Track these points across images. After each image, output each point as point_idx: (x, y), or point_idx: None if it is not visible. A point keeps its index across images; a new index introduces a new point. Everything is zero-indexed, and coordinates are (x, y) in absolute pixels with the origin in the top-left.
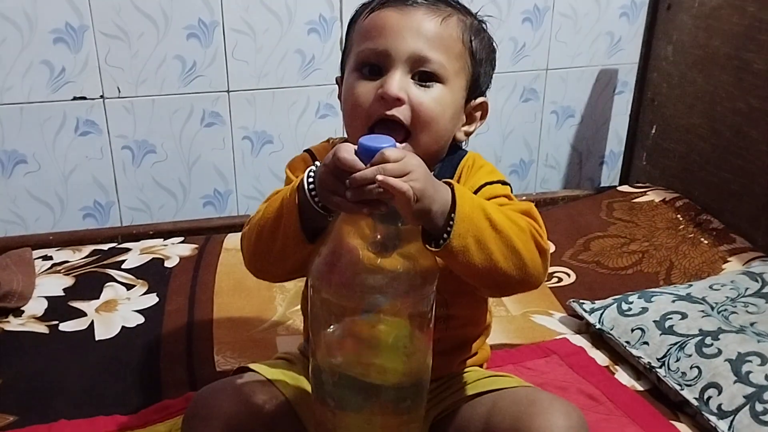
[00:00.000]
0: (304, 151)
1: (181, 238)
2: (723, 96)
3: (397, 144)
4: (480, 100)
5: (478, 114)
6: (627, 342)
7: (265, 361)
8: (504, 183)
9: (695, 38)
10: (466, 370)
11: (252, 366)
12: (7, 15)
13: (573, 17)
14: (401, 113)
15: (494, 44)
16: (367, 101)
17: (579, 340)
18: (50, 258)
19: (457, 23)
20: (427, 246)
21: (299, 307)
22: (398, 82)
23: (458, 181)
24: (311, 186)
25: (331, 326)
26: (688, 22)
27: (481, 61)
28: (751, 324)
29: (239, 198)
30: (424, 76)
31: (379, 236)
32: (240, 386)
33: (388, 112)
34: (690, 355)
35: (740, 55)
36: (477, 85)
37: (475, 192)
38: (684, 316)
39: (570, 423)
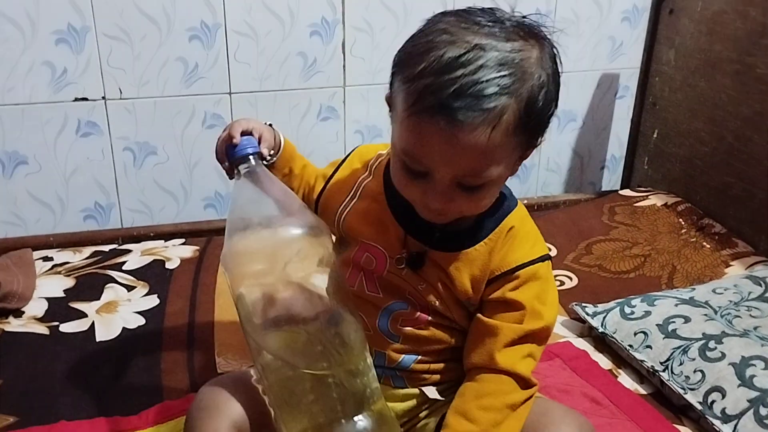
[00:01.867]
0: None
1: (182, 240)
2: (725, 100)
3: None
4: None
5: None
6: (630, 345)
7: None
8: (544, 258)
9: (697, 43)
10: None
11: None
12: (10, 15)
13: (575, 21)
14: (451, 213)
15: (559, 83)
16: (414, 198)
17: (582, 344)
18: (51, 259)
19: (511, 117)
20: None
21: None
22: (443, 198)
23: (500, 249)
24: None
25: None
26: (690, 27)
27: (539, 129)
28: (755, 328)
29: None
30: (472, 184)
31: None
32: (247, 381)
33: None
34: (693, 359)
35: (743, 60)
36: (533, 147)
37: (511, 272)
38: (687, 319)
39: None
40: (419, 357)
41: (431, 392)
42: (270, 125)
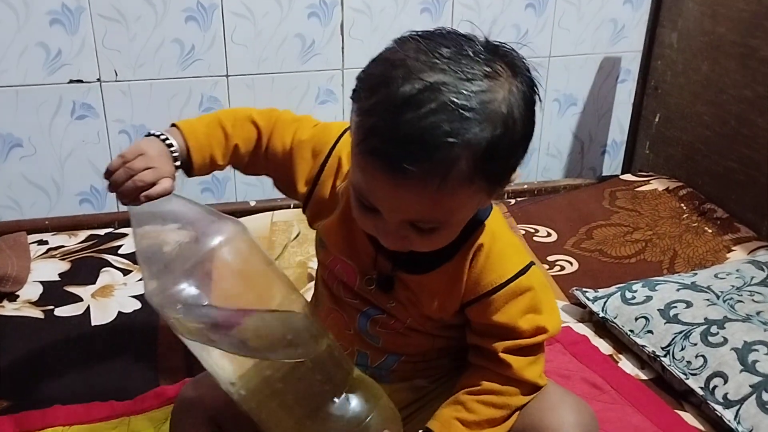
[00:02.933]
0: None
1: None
2: (728, 83)
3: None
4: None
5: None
6: (631, 330)
7: None
8: (524, 270)
9: (701, 25)
10: None
11: None
12: None
13: (576, 4)
14: (407, 249)
15: (533, 119)
16: (368, 229)
17: (582, 329)
18: (46, 243)
19: (465, 166)
20: None
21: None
22: (394, 237)
23: (470, 270)
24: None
25: None
26: (694, 9)
27: (502, 176)
28: (758, 313)
29: (237, 184)
30: (424, 228)
31: None
32: None
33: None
34: (695, 344)
35: (746, 42)
36: (502, 187)
37: (487, 295)
38: (689, 304)
39: (580, 419)
40: (402, 357)
41: (419, 383)
42: (172, 125)
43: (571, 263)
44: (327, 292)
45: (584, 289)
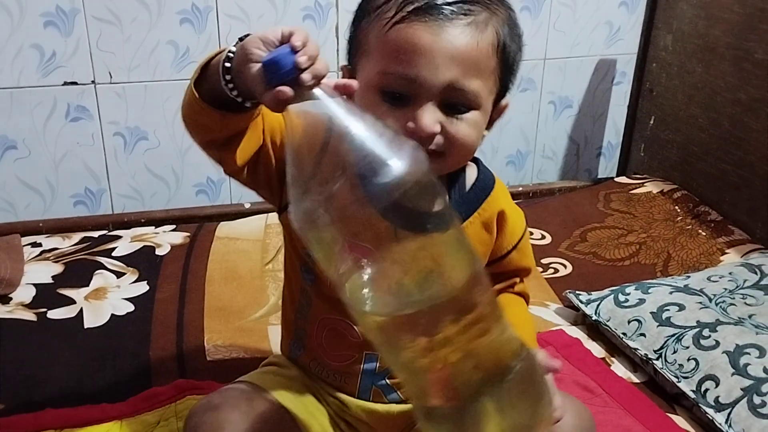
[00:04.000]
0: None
1: (173, 226)
2: (723, 86)
3: None
4: (504, 102)
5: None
6: (623, 333)
7: (255, 372)
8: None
9: (695, 28)
10: None
11: (245, 379)
12: None
13: (572, 6)
14: (435, 144)
15: (521, 33)
16: (401, 128)
17: (575, 332)
18: (39, 245)
19: (492, 33)
20: None
21: None
22: (432, 117)
23: (498, 235)
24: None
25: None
26: (688, 12)
27: (512, 68)
28: (750, 316)
29: (232, 187)
30: (457, 105)
31: None
32: (237, 400)
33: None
34: (687, 347)
35: (741, 45)
36: (506, 91)
37: (509, 253)
38: (681, 307)
39: (581, 423)
40: None
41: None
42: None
43: (565, 266)
44: (322, 301)
45: (578, 292)
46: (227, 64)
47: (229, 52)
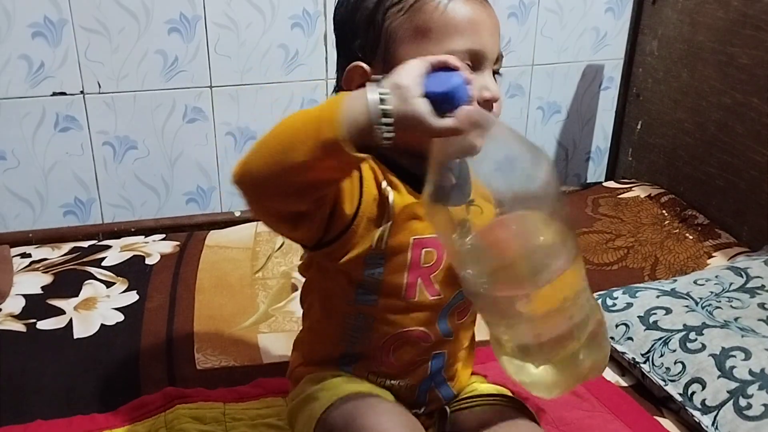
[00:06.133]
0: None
1: (163, 235)
2: (708, 91)
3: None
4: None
5: None
6: (611, 338)
7: (322, 384)
8: None
9: (680, 33)
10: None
11: (322, 387)
12: None
13: (559, 12)
14: (494, 112)
15: None
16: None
17: None
18: (29, 255)
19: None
20: None
21: (281, 304)
22: (493, 83)
23: None
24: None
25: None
26: (673, 17)
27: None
28: (736, 319)
29: (222, 195)
30: (497, 71)
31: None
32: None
33: None
34: (674, 351)
35: (725, 50)
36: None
37: None
38: (668, 311)
39: None
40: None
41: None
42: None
43: None
44: (387, 319)
45: None
46: (385, 107)
47: (381, 95)
